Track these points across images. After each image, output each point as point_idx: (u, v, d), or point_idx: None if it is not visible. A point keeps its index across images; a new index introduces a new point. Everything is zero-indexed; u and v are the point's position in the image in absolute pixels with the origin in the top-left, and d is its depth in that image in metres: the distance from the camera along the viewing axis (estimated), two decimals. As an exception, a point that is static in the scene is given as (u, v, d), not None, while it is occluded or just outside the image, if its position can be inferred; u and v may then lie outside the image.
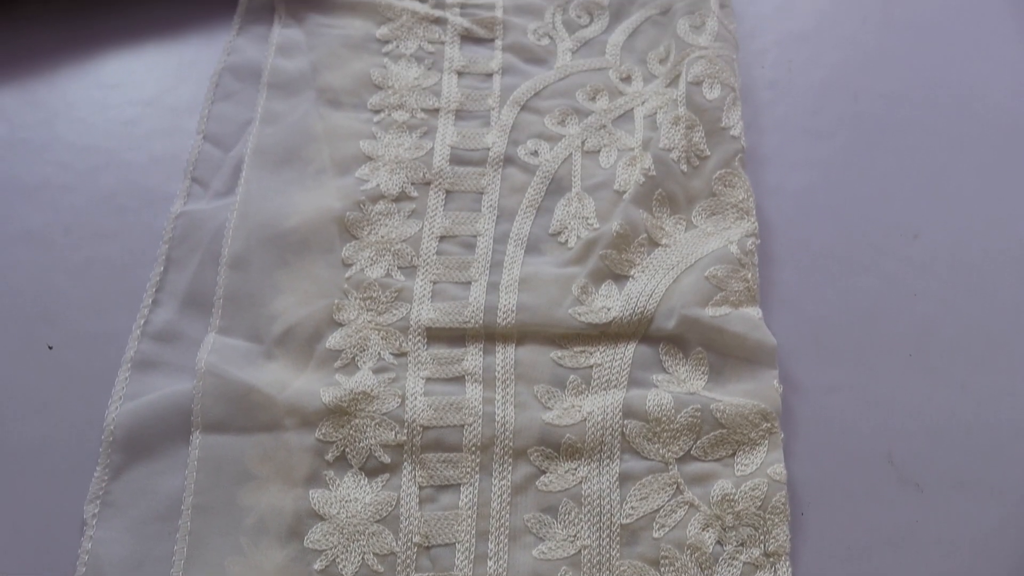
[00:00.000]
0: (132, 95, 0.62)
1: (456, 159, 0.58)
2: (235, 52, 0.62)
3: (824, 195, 0.59)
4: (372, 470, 0.47)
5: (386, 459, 0.47)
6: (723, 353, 0.50)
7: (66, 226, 0.56)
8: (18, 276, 0.54)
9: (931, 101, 0.63)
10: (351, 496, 0.46)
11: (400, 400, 0.48)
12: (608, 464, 0.46)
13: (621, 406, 0.48)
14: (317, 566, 0.44)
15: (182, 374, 0.49)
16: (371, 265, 0.53)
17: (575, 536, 0.45)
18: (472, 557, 0.45)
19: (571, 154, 0.58)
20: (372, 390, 0.48)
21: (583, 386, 0.49)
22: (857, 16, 0.68)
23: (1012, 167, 0.60)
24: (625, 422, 0.47)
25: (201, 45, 0.64)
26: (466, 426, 0.48)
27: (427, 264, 0.53)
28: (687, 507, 0.45)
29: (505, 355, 0.50)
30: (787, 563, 0.44)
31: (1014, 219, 0.58)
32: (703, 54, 0.59)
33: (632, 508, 0.45)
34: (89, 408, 0.49)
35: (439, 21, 0.64)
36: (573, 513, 0.45)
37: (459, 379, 0.49)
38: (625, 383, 0.49)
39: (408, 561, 0.44)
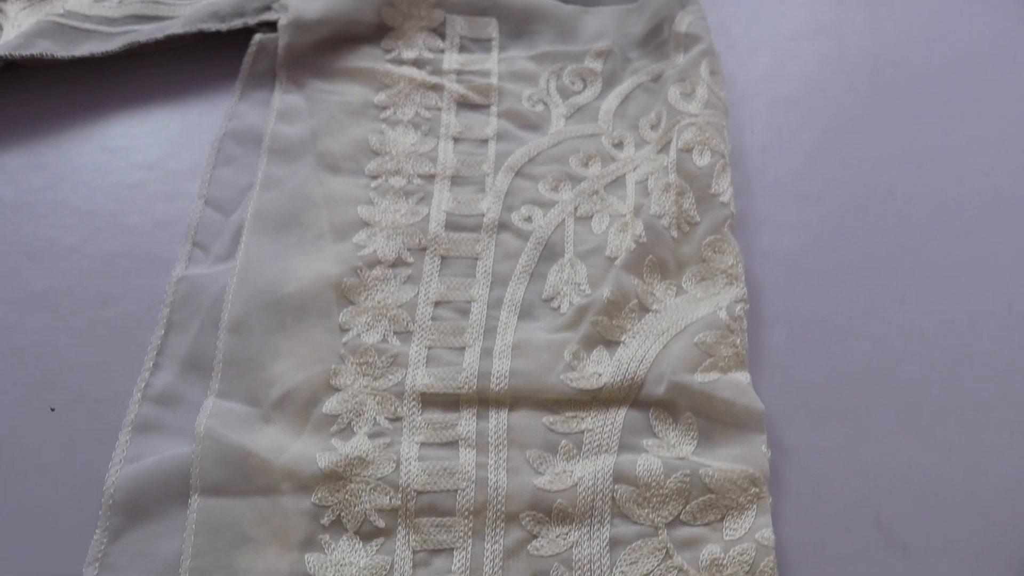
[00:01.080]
0: (136, 159, 0.63)
1: (452, 225, 0.59)
2: (236, 117, 0.64)
3: (813, 259, 0.60)
4: (367, 534, 0.47)
5: (381, 523, 0.47)
6: (712, 418, 0.51)
7: (70, 289, 0.57)
8: (22, 338, 0.55)
9: (918, 166, 0.65)
10: (346, 560, 0.46)
11: (395, 465, 0.49)
12: (599, 529, 0.47)
13: (612, 471, 0.48)
14: (313, 630, 0.44)
15: (182, 437, 0.50)
16: (368, 330, 0.54)
17: (566, 601, 0.46)
18: (466, 621, 0.45)
19: (564, 220, 0.59)
20: (367, 455, 0.49)
21: (574, 451, 0.50)
22: (845, 81, 0.70)
23: (998, 231, 0.62)
24: (615, 487, 0.48)
25: (204, 110, 0.66)
26: (459, 491, 0.49)
27: (422, 329, 0.54)
28: (676, 572, 0.46)
29: (498, 420, 0.51)
30: (775, 628, 0.45)
31: (1000, 283, 0.59)
32: (693, 121, 0.61)
33: (622, 573, 0.46)
34: (90, 470, 0.49)
35: (436, 88, 0.66)
36: None
37: (453, 444, 0.50)
38: (616, 448, 0.50)
39: (402, 625, 0.45)
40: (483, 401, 0.52)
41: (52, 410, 0.53)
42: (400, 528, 0.48)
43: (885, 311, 0.58)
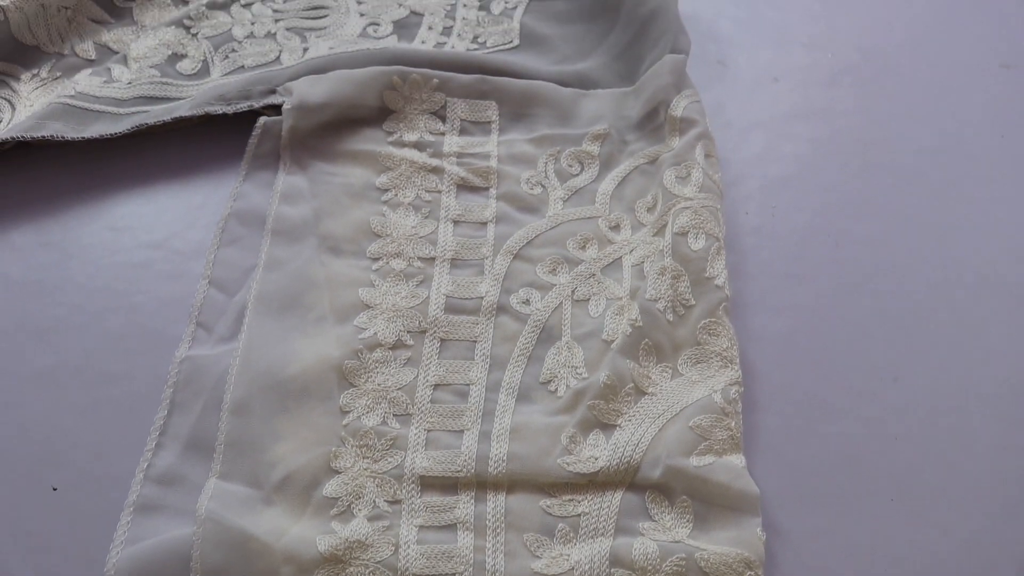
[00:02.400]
0: (142, 238, 0.65)
1: (451, 308, 0.60)
2: (241, 198, 0.66)
3: (806, 340, 0.61)
4: None
5: None
6: (707, 501, 0.51)
7: (75, 367, 0.58)
8: (27, 416, 0.56)
9: (911, 245, 0.67)
10: None
11: (394, 548, 0.50)
12: None
13: (608, 555, 0.49)
14: None
15: (183, 518, 0.50)
16: (368, 413, 0.55)
17: None
18: None
19: (561, 303, 0.61)
20: (367, 538, 0.50)
21: (571, 534, 0.51)
22: (837, 161, 0.72)
23: (991, 311, 0.64)
24: (612, 571, 0.49)
25: (209, 190, 0.68)
26: (457, 575, 0.49)
27: (421, 412, 0.56)
28: None
29: (496, 504, 0.52)
30: None
31: (993, 362, 0.61)
32: (688, 205, 0.62)
33: None
34: (91, 551, 0.50)
35: (437, 170, 0.68)
36: None
37: (451, 527, 0.51)
38: (612, 531, 0.51)
39: None
40: (481, 484, 0.53)
41: (54, 489, 0.54)
42: None
43: (878, 391, 0.59)
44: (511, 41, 0.78)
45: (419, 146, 0.69)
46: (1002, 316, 0.64)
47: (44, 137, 0.67)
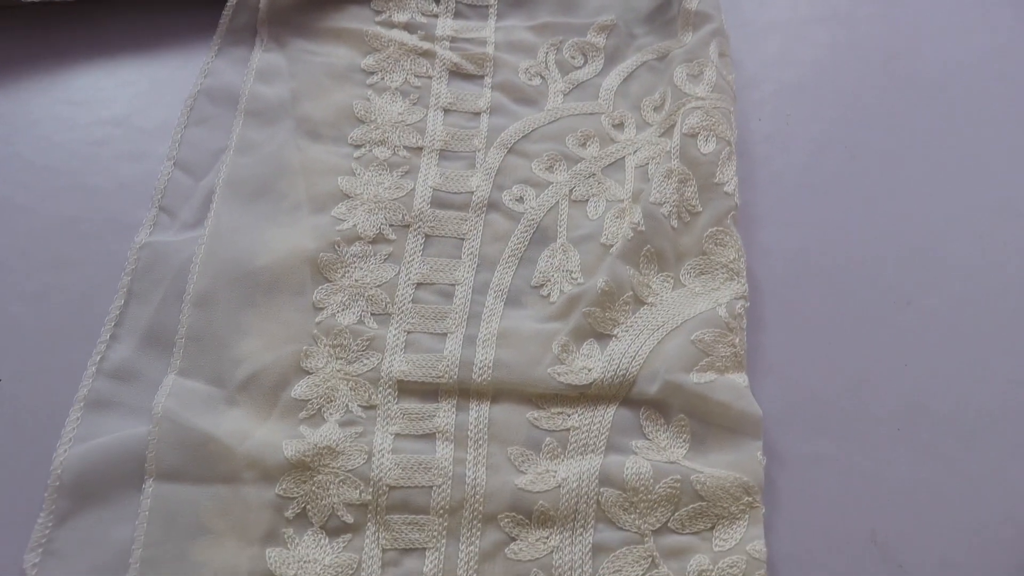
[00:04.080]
0: (100, 114, 0.62)
1: (438, 202, 0.58)
2: (212, 75, 0.62)
3: (816, 257, 0.59)
4: (334, 530, 0.46)
5: (349, 519, 0.46)
6: (706, 421, 0.50)
7: (23, 250, 0.56)
8: None
9: (930, 161, 0.64)
10: (310, 557, 0.45)
11: (367, 457, 0.48)
12: (581, 534, 0.46)
13: (598, 473, 0.48)
14: (271, 631, 0.43)
15: (138, 416, 0.49)
16: (343, 310, 0.53)
17: (544, 609, 0.45)
18: (435, 628, 0.45)
19: (558, 202, 0.58)
20: (337, 445, 0.48)
21: (559, 450, 0.49)
22: (857, 69, 0.69)
23: (1012, 236, 0.61)
24: (601, 490, 0.47)
25: (177, 65, 0.64)
26: (435, 487, 0.48)
27: (402, 312, 0.53)
28: None
29: (479, 413, 0.50)
30: (763, 646, 0.44)
31: (1011, 290, 0.59)
32: (700, 105, 0.60)
33: None
34: (36, 448, 0.48)
35: (427, 54, 0.64)
36: None
37: (429, 436, 0.49)
38: (603, 448, 0.49)
39: (367, 630, 0.44)
40: (463, 392, 0.51)
41: None
42: (369, 525, 0.47)
43: (890, 316, 0.57)
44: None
45: (409, 27, 0.66)
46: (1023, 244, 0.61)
47: (-7, -3, 0.63)
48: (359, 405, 0.50)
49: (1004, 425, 0.53)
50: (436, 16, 0.67)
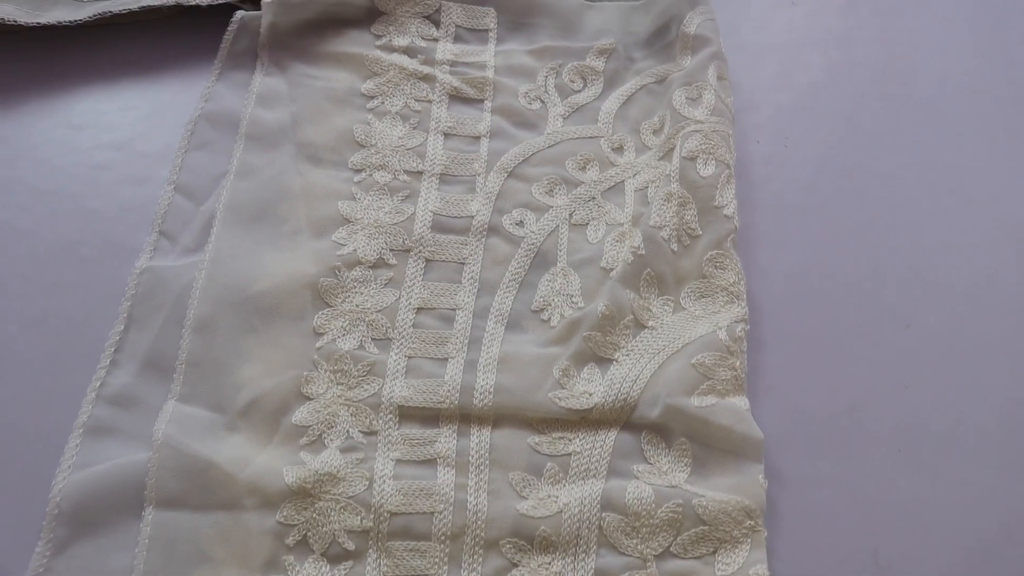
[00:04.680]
0: (102, 138, 0.61)
1: (438, 226, 0.57)
2: (213, 99, 0.62)
3: (816, 278, 0.59)
4: (335, 557, 0.46)
5: (350, 546, 0.46)
6: (707, 445, 0.49)
7: (23, 274, 0.55)
8: None
9: (928, 182, 0.64)
10: None
11: (368, 483, 0.47)
12: (584, 559, 0.46)
13: (599, 498, 0.47)
14: (271, 662, 0.43)
15: (138, 443, 0.48)
16: (344, 335, 0.52)
17: (547, 637, 0.44)
18: (437, 657, 0.44)
19: (558, 226, 0.58)
20: (339, 471, 0.47)
21: (560, 475, 0.49)
22: (854, 91, 0.69)
23: (1009, 255, 0.61)
24: (603, 515, 0.47)
25: (178, 89, 0.64)
26: (436, 513, 0.47)
27: (402, 337, 0.53)
28: None
29: (480, 439, 0.50)
30: (767, 672, 0.44)
31: (1009, 310, 0.58)
32: (699, 128, 0.59)
33: None
34: (34, 475, 0.47)
35: (427, 78, 0.64)
36: None
37: (431, 462, 0.49)
38: (604, 473, 0.48)
39: (368, 659, 0.44)
40: (465, 417, 0.50)
41: None
42: (371, 551, 0.46)
43: (889, 337, 0.57)
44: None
45: (409, 52, 0.65)
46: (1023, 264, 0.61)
47: (-5, 20, 0.62)
48: (360, 431, 0.49)
49: (1004, 444, 0.53)
50: (436, 40, 0.66)
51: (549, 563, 0.46)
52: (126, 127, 0.62)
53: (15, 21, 0.62)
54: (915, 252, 0.60)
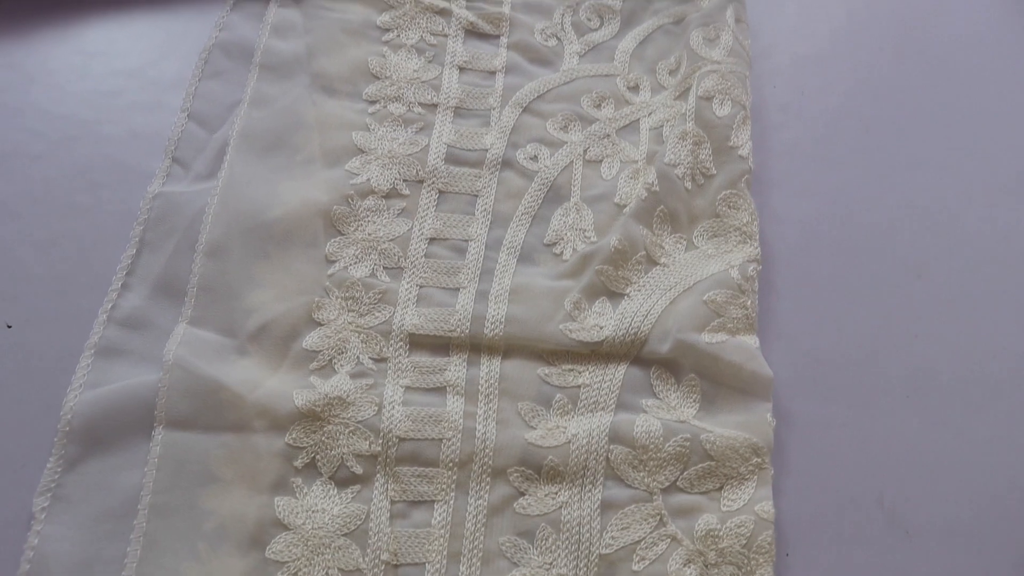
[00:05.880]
0: (115, 65, 0.61)
1: (452, 158, 0.57)
2: (227, 28, 0.61)
3: (829, 226, 0.58)
4: (342, 480, 0.46)
5: (358, 469, 0.46)
6: (717, 381, 0.49)
7: (35, 198, 0.55)
8: None
9: (943, 134, 0.63)
10: (319, 506, 0.45)
11: (377, 408, 0.47)
12: (590, 490, 0.46)
13: (608, 430, 0.47)
14: (278, 579, 0.43)
15: (148, 364, 0.48)
16: (355, 263, 0.52)
17: (551, 563, 0.44)
18: (442, 579, 0.44)
19: (572, 162, 0.57)
20: (348, 396, 0.47)
21: (569, 406, 0.48)
22: (873, 43, 0.68)
23: (1023, 207, 0.60)
24: (611, 447, 0.47)
25: (192, 17, 0.63)
26: (444, 440, 0.47)
27: (414, 266, 0.53)
28: (669, 540, 0.45)
29: (490, 368, 0.50)
30: (769, 606, 0.44)
31: (1022, 261, 0.58)
32: (715, 68, 0.59)
33: (612, 538, 0.45)
34: (46, 394, 0.47)
35: (444, 12, 0.63)
36: (551, 539, 0.45)
37: (440, 390, 0.49)
38: (613, 406, 0.48)
39: (375, 579, 0.44)
40: (475, 347, 0.50)
41: (8, 327, 0.50)
42: (379, 476, 0.46)
43: (900, 287, 0.56)
44: None
45: None
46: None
47: (9, -54, 0.61)
48: (370, 357, 0.49)
49: (1013, 394, 0.53)
50: (453, -26, 0.65)
51: (556, 492, 0.46)
52: (138, 55, 0.61)
53: (29, -53, 0.62)
54: (928, 203, 0.60)
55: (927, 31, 0.69)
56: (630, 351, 0.50)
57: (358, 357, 0.49)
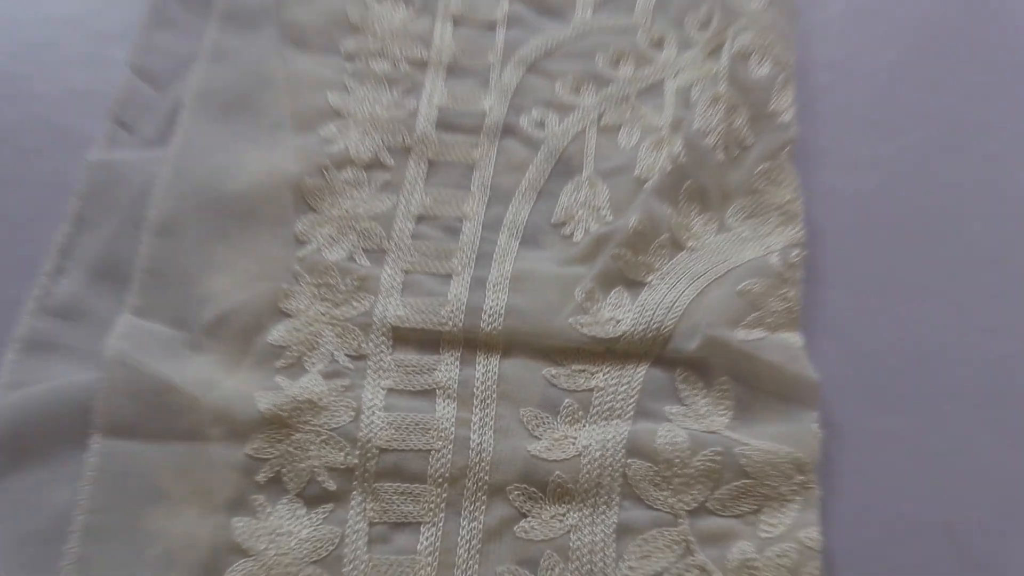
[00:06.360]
0: (49, 11, 0.62)
1: (444, 124, 0.58)
2: None
3: (887, 203, 0.59)
4: (313, 498, 0.46)
5: (331, 485, 0.46)
6: (753, 386, 0.49)
7: None
8: None
9: (1020, 102, 0.63)
10: (284, 528, 0.45)
11: (354, 414, 0.48)
12: (604, 512, 0.46)
13: (625, 441, 0.47)
14: (234, 615, 0.44)
15: (85, 361, 0.49)
16: (330, 245, 0.53)
17: (558, 599, 0.45)
18: (430, 616, 0.45)
19: (585, 129, 0.58)
20: (320, 399, 0.48)
21: (580, 413, 0.49)
22: (939, -8, 0.69)
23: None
24: (628, 461, 0.47)
25: None
26: (433, 452, 0.47)
27: (399, 249, 0.53)
28: (698, 572, 0.45)
29: (487, 368, 0.50)
30: (815, 655, 0.44)
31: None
32: (753, 21, 0.59)
33: (630, 568, 0.45)
34: None
35: None
36: (558, 569, 0.45)
37: (428, 393, 0.49)
38: (631, 413, 0.49)
39: (349, 616, 0.44)
40: (470, 343, 0.51)
41: None
42: (355, 493, 0.47)
43: (972, 274, 0.56)
44: None
45: None
46: None
47: None
48: (346, 354, 0.50)
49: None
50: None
51: (563, 514, 0.46)
52: (77, 1, 0.62)
53: None
54: (1006, 177, 0.60)
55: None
56: (651, 349, 0.50)
57: (332, 354, 0.50)
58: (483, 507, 0.46)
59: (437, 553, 0.45)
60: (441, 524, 0.46)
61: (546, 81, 0.60)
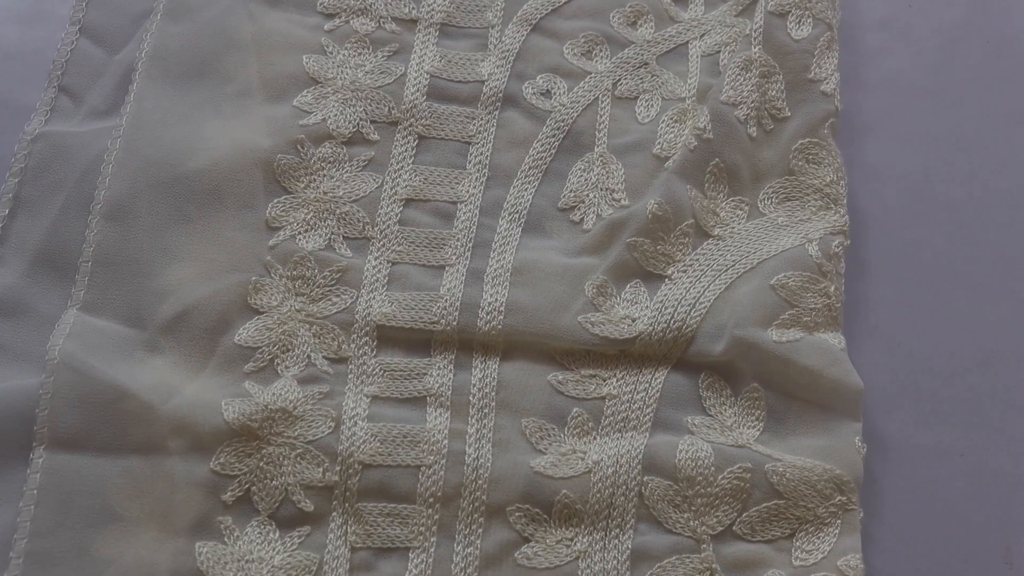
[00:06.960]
0: None
1: (436, 92, 0.58)
2: None
3: (943, 186, 0.59)
4: (286, 520, 0.47)
5: (308, 506, 0.47)
6: (788, 393, 0.50)
7: None
8: None
9: None
10: (254, 555, 0.46)
11: (333, 424, 0.49)
12: (618, 536, 0.47)
13: (641, 457, 0.48)
14: (197, 654, 0.45)
15: (25, 363, 0.49)
16: (306, 231, 0.53)
17: (565, 634, 0.46)
18: (420, 655, 0.46)
19: (597, 99, 0.58)
20: (295, 407, 0.49)
21: (590, 424, 0.50)
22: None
23: None
24: (645, 479, 0.48)
25: None
26: (423, 467, 0.48)
27: (385, 236, 0.54)
28: None
29: (484, 372, 0.51)
30: None
31: None
32: None
33: None
34: None
35: None
36: None
37: (418, 401, 0.50)
38: (648, 425, 0.49)
39: (329, 654, 0.45)
40: (465, 344, 0.52)
41: None
42: (335, 514, 0.47)
43: None
44: None
45: None
46: None
47: None
48: (325, 357, 0.51)
49: None
50: None
51: (571, 539, 0.47)
52: None
53: None
54: None
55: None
56: (672, 352, 0.51)
57: (309, 356, 0.50)
58: (480, 530, 0.47)
59: (428, 583, 0.46)
60: (432, 550, 0.47)
61: (553, 43, 0.60)
